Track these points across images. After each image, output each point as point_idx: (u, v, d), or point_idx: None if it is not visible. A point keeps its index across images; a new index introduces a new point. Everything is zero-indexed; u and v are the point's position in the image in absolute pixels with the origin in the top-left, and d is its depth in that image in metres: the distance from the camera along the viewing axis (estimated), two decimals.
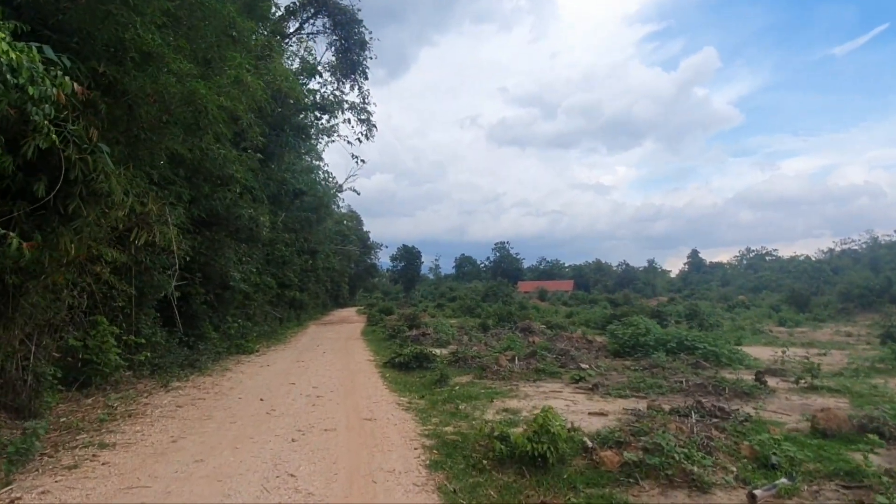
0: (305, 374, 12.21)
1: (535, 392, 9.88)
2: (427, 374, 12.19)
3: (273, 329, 25.68)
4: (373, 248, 78.97)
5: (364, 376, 12.13)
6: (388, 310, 39.92)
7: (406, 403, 9.09)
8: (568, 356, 13.44)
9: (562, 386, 10.53)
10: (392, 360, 13.79)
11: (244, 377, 11.89)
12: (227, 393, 9.84)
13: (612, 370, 12.36)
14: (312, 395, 9.68)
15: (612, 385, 10.15)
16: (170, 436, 6.84)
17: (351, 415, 8.10)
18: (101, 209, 7.97)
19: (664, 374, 10.94)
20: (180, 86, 8.11)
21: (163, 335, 13.93)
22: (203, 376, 12.02)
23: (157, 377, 11.58)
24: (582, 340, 16.85)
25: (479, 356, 14.21)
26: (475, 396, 9.47)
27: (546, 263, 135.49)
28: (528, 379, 11.28)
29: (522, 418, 7.73)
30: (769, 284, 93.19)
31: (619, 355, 14.86)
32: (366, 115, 28.56)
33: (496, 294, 66.35)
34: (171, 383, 10.85)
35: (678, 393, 9.36)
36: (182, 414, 8.08)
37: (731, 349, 13.38)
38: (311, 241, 39.81)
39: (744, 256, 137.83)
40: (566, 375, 11.61)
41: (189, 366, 13.29)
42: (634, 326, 15.35)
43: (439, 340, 19.49)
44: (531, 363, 12.59)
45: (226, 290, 19.03)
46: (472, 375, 12.10)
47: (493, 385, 10.76)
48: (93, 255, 8.53)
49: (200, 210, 15.81)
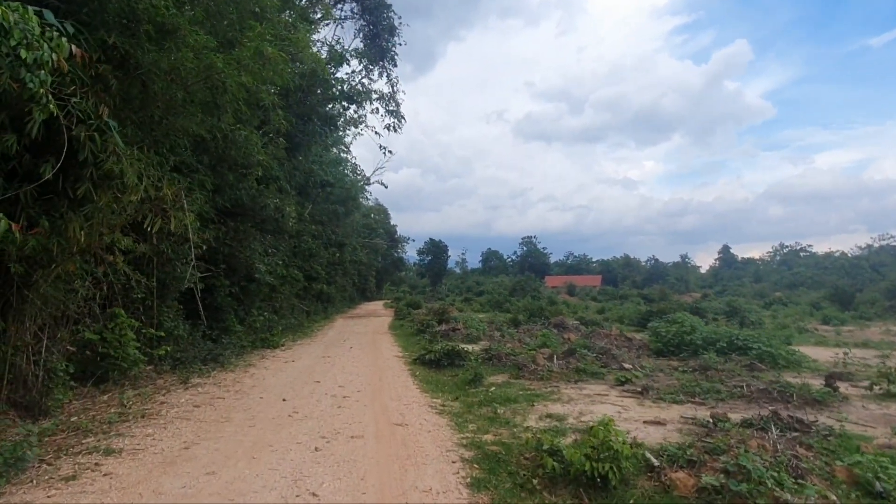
0: (331, 372, 11.59)
1: (577, 395, 9.07)
2: (459, 373, 11.47)
3: (300, 322, 25.24)
4: (400, 242, 78.56)
5: (393, 374, 11.46)
6: (415, 304, 39.33)
7: (439, 406, 8.37)
8: (609, 355, 12.58)
9: (606, 388, 9.70)
10: (422, 357, 13.11)
11: (267, 374, 11.32)
12: (249, 392, 9.24)
13: (658, 371, 11.47)
14: (338, 395, 9.02)
15: (662, 388, 9.28)
16: (182, 441, 6.23)
17: (380, 419, 7.42)
18: (112, 194, 7.40)
19: (720, 377, 10.00)
20: (197, 60, 7.49)
21: (185, 328, 13.47)
22: (225, 372, 11.48)
23: (178, 373, 11.09)
24: (620, 338, 15.94)
25: (514, 353, 13.44)
26: (513, 399, 8.70)
27: (573, 258, 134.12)
28: (568, 380, 10.48)
29: (569, 426, 6.95)
30: (805, 281, 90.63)
31: (661, 354, 13.94)
32: (394, 106, 27.82)
33: (524, 289, 65.52)
34: (191, 380, 10.32)
35: (739, 399, 8.46)
36: (198, 415, 7.48)
37: (788, 350, 12.36)
38: (338, 234, 39.42)
39: (777, 252, 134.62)
40: (610, 376, 10.77)
41: (212, 360, 12.81)
42: (679, 324, 14.39)
43: (470, 336, 18.76)
44: (570, 362, 11.77)
45: (251, 283, 18.58)
46: (507, 375, 11.34)
47: (531, 386, 9.99)
48: (106, 243, 7.98)
49: (225, 199, 15.32)
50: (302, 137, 24.30)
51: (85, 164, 6.92)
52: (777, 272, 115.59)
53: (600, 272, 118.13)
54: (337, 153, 37.18)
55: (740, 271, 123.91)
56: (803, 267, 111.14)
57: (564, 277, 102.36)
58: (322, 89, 24.87)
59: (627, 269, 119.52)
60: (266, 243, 19.70)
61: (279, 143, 18.16)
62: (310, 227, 25.90)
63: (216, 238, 15.39)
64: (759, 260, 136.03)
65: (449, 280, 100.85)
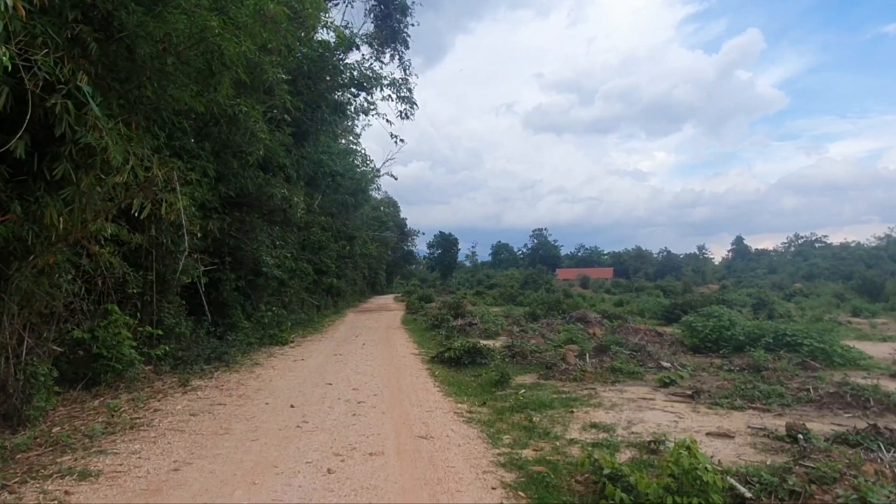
0: (344, 372, 10.69)
1: (619, 399, 8.11)
2: (483, 373, 10.55)
3: (310, 317, 24.40)
4: (410, 235, 77.77)
5: (411, 374, 10.55)
6: (427, 297, 38.45)
7: (466, 412, 7.44)
8: (644, 352, 11.59)
9: (649, 391, 8.72)
10: (440, 355, 12.19)
11: (274, 374, 10.43)
12: (253, 396, 8.35)
13: (701, 370, 10.48)
14: (352, 399, 8.11)
15: (714, 391, 8.30)
16: (172, 460, 5.33)
17: (401, 429, 6.50)
18: (95, 175, 6.49)
19: (777, 377, 8.99)
20: (189, 22, 6.55)
21: (188, 325, 12.62)
22: (229, 372, 10.62)
23: (179, 373, 10.23)
24: (650, 333, 14.94)
25: (539, 350, 12.49)
26: (548, 404, 7.76)
27: (585, 250, 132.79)
28: (604, 381, 9.51)
29: (621, 439, 6.00)
30: (822, 272, 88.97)
31: (698, 351, 12.93)
32: (406, 91, 26.76)
33: (535, 282, 64.61)
34: (192, 382, 9.45)
35: (807, 405, 7.46)
36: (195, 426, 6.59)
37: (844, 346, 11.30)
38: (348, 227, 38.56)
39: (792, 243, 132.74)
40: (649, 376, 9.80)
41: (216, 359, 11.97)
42: (715, 318, 13.35)
43: (487, 331, 17.83)
44: (604, 360, 10.80)
45: (259, 277, 17.72)
46: (535, 374, 10.40)
47: (564, 388, 9.04)
48: (91, 232, 7.10)
49: (229, 188, 14.44)
50: (310, 125, 23.38)
51: (63, 140, 6.02)
52: (792, 263, 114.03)
53: (612, 265, 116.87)
54: (347, 143, 36.27)
55: (754, 262, 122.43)
56: (819, 258, 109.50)
57: (576, 270, 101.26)
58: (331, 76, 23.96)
59: (640, 262, 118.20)
60: (273, 235, 18.83)
61: (285, 130, 17.24)
62: (319, 218, 24.98)
63: (220, 229, 14.51)
64: (772, 251, 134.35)
65: (459, 273, 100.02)
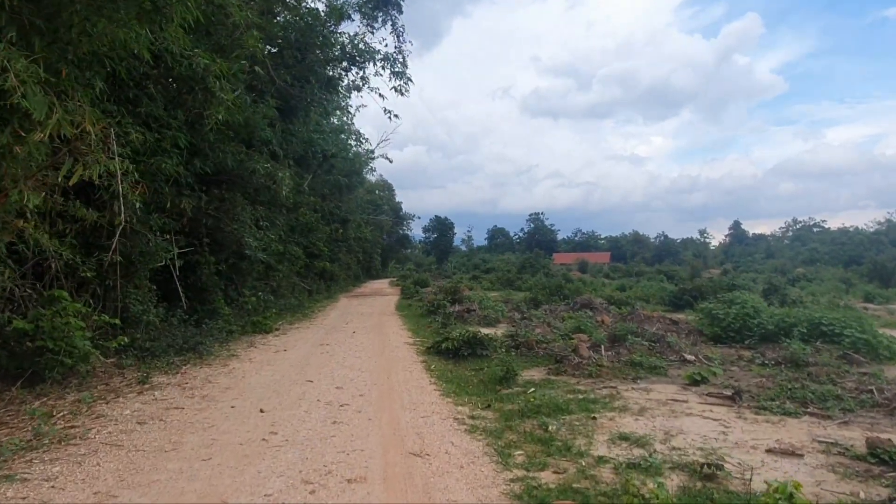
0: (328, 365, 9.50)
1: (646, 400, 6.95)
2: (484, 366, 9.39)
3: (300, 302, 23.19)
4: (405, 219, 76.65)
5: (404, 368, 9.37)
6: (423, 282, 37.25)
7: (468, 418, 6.27)
8: (663, 343, 10.45)
9: (678, 389, 7.57)
10: (437, 346, 11.02)
11: (250, 369, 9.24)
12: (219, 397, 7.15)
13: (730, 364, 9.35)
14: (334, 402, 6.92)
15: (756, 392, 7.15)
16: (94, 491, 4.13)
17: (390, 443, 5.32)
18: (12, 131, 5.25)
19: (826, 374, 7.83)
20: None
21: (159, 313, 11.41)
22: (200, 366, 9.43)
23: (142, 367, 9.05)
24: (664, 321, 13.80)
25: (545, 340, 11.34)
26: (564, 407, 6.59)
27: (582, 235, 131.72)
28: (624, 376, 8.36)
29: (661, 458, 4.84)
30: (822, 257, 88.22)
31: (720, 341, 11.79)
32: (401, 65, 25.27)
33: (533, 266, 63.42)
34: (153, 378, 8.26)
35: (873, 409, 6.31)
36: (138, 439, 5.39)
37: (888, 337, 10.16)
38: (341, 209, 37.30)
39: (790, 227, 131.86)
40: (674, 372, 8.67)
41: (190, 350, 10.79)
42: (739, 305, 12.18)
43: (487, 318, 16.66)
44: (620, 353, 9.66)
45: (243, 260, 16.48)
46: (544, 369, 9.25)
47: (579, 386, 7.88)
48: (14, 203, 5.85)
49: (205, 163, 13.16)
50: (299, 101, 22.02)
51: None
52: (791, 248, 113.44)
53: (609, 249, 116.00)
54: (340, 124, 34.84)
55: (752, 247, 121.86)
56: (818, 243, 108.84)
57: (573, 254, 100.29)
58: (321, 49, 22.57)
59: (637, 246, 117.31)
60: (258, 216, 17.53)
61: (269, 102, 15.92)
62: (308, 198, 23.67)
63: (197, 208, 13.28)
64: (770, 236, 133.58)
65: (455, 258, 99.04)
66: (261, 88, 16.66)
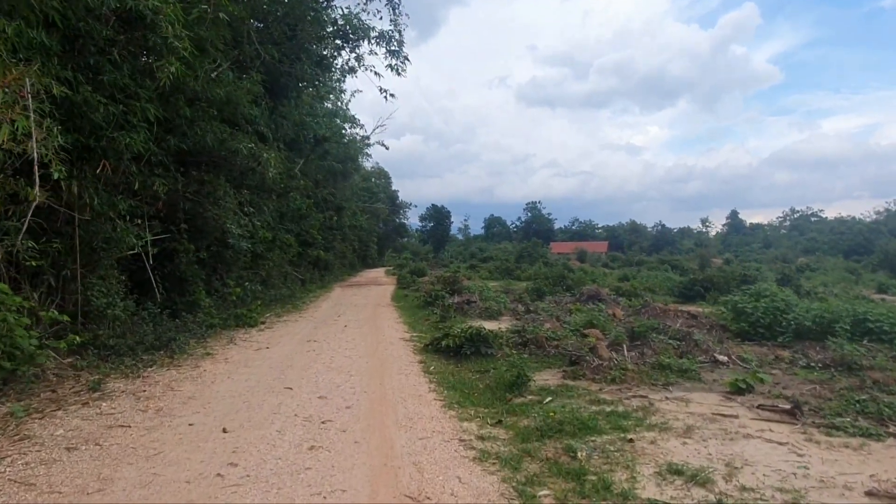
0: (313, 367, 8.36)
1: (688, 415, 5.83)
2: (490, 367, 8.28)
3: (292, 292, 22.04)
4: (402, 208, 75.67)
5: (399, 371, 8.24)
6: (420, 271, 36.15)
7: (476, 439, 5.14)
8: (689, 341, 9.34)
9: (721, 399, 6.46)
10: (436, 343, 9.89)
11: (223, 371, 8.09)
12: (178, 410, 5.99)
13: (768, 366, 8.26)
14: (315, 417, 5.77)
15: (813, 404, 6.05)
16: None
17: (379, 481, 4.18)
18: None
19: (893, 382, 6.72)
20: None
21: (128, 306, 10.25)
22: (168, 367, 8.29)
23: (103, 368, 7.93)
24: (682, 315, 12.70)
25: (556, 337, 10.22)
26: (591, 424, 5.46)
27: (579, 224, 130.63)
28: (651, 382, 7.24)
29: (729, 501, 3.73)
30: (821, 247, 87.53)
31: (747, 338, 10.69)
32: (396, 44, 23.91)
33: (531, 255, 62.47)
34: (109, 383, 7.13)
35: None
36: (59, 474, 4.24)
37: None
38: (336, 196, 36.12)
39: (787, 217, 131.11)
40: (707, 375, 7.58)
41: (161, 347, 9.69)
42: (768, 298, 11.06)
43: (489, 311, 15.55)
44: (644, 353, 8.54)
45: (228, 248, 15.30)
46: (558, 371, 8.13)
47: (602, 393, 6.76)
48: None
49: (182, 141, 11.96)
50: (289, 80, 20.77)
51: None
52: (788, 237, 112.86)
53: (606, 238, 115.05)
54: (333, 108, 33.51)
55: (749, 237, 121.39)
56: (816, 232, 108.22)
57: (570, 244, 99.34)
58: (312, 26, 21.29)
59: (634, 235, 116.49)
60: (243, 200, 16.31)
61: (254, 77, 14.69)
62: (298, 183, 22.43)
63: (172, 190, 12.08)
64: (767, 225, 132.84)
65: (451, 246, 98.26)
66: (245, 63, 15.42)
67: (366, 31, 24.30)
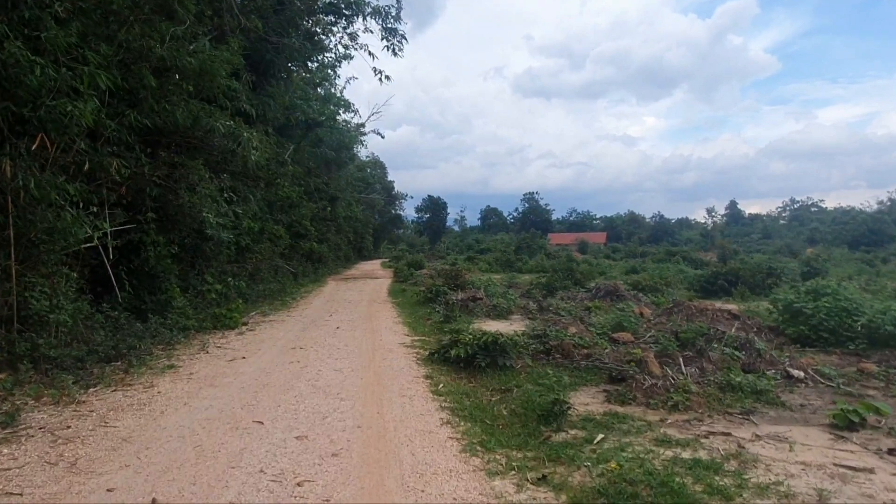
0: (293, 389, 6.73)
1: (798, 466, 4.23)
2: (511, 383, 6.70)
3: (282, 287, 20.40)
4: (398, 199, 74.22)
5: (400, 391, 6.65)
6: (417, 263, 34.53)
7: None
8: (751, 350, 7.78)
9: (831, 438, 4.87)
10: (444, 352, 8.30)
11: (181, 394, 6.47)
12: (100, 461, 4.35)
13: (859, 384, 6.71)
14: (287, 474, 4.15)
15: None
16: None
17: None
18: None
19: None
20: None
21: (81, 308, 8.61)
22: (116, 387, 6.68)
23: (31, 389, 6.34)
24: (721, 314, 11.12)
25: (584, 344, 8.65)
26: (672, 485, 3.87)
27: (577, 215, 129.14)
28: (724, 408, 5.68)
29: None
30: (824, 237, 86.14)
31: (806, 344, 9.14)
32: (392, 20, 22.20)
33: (529, 246, 61.05)
34: (31, 412, 5.54)
35: None
36: None
37: None
38: (330, 186, 34.50)
39: (787, 207, 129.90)
40: (789, 398, 6.02)
41: (118, 357, 8.18)
42: (830, 297, 9.48)
43: (497, 308, 13.98)
44: (704, 368, 6.96)
45: (207, 240, 13.64)
46: (596, 389, 6.57)
47: (667, 428, 5.19)
48: None
49: (148, 117, 10.32)
50: (276, 56, 19.11)
51: None
52: (789, 228, 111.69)
53: (604, 229, 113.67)
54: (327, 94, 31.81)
55: (748, 227, 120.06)
56: (816, 223, 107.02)
57: (569, 234, 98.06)
58: None
59: (633, 226, 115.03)
60: (223, 186, 14.60)
61: (232, 44, 13.00)
62: (287, 169, 20.75)
63: (137, 174, 10.45)
64: (766, 216, 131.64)
65: (448, 238, 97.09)
66: (223, 29, 13.70)
67: (360, 5, 22.62)
